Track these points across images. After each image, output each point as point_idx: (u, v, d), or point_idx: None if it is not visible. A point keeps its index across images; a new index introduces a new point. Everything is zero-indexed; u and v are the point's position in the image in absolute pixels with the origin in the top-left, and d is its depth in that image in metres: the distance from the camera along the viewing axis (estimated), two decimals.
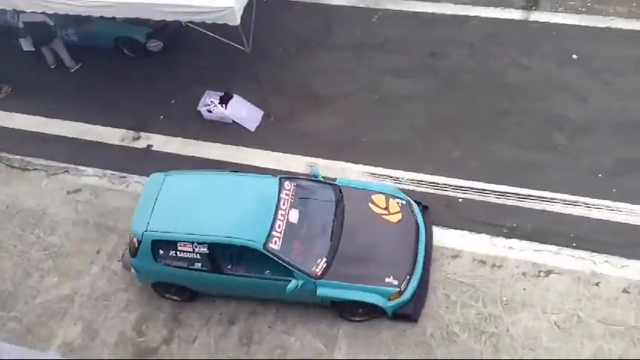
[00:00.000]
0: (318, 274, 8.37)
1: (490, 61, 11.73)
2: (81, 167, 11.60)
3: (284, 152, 11.11)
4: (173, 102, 12.29)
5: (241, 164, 11.05)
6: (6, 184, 11.57)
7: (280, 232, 8.41)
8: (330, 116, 11.49)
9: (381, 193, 9.29)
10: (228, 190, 8.96)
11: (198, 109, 11.73)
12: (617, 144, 10.10)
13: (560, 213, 9.58)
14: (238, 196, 8.85)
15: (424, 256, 8.87)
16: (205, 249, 8.44)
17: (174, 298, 9.43)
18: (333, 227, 8.74)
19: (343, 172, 10.56)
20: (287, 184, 8.97)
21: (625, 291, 8.72)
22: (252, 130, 11.60)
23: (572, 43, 11.62)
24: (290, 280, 8.27)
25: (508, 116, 10.71)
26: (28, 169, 11.73)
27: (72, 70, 13.19)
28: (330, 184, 9.40)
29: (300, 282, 8.28)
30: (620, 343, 8.34)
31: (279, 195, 8.73)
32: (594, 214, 9.48)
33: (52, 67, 13.22)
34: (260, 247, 8.22)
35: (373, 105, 11.51)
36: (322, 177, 9.53)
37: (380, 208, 9.06)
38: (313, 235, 8.66)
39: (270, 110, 11.64)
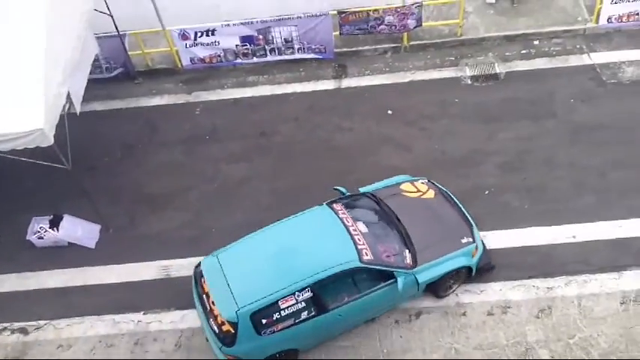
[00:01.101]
0: (411, 264, 8.75)
1: (317, 130, 12.22)
2: None
3: (132, 262, 10.53)
4: None
5: (89, 285, 10.32)
6: None
7: (364, 244, 8.68)
8: (174, 214, 11.15)
9: (404, 182, 10.06)
10: (290, 236, 8.97)
11: (28, 238, 10.80)
12: (448, 181, 10.74)
13: None
14: (303, 236, 8.95)
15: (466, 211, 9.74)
16: (309, 292, 8.32)
17: None
18: (394, 224, 9.25)
19: None
20: (336, 206, 9.35)
21: (489, 314, 9.19)
22: (92, 247, 10.89)
23: (384, 101, 12.49)
24: (394, 282, 8.56)
25: (346, 175, 11.02)
26: None
27: None
28: (361, 194, 9.91)
29: (404, 277, 8.55)
30: None
31: (338, 216, 9.05)
32: None
33: None
34: (358, 263, 8.42)
35: (215, 194, 11.38)
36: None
37: (413, 192, 9.85)
38: (385, 236, 9.10)
39: (108, 222, 11.04)
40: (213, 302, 8.49)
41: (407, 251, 8.92)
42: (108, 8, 12.17)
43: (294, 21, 12.95)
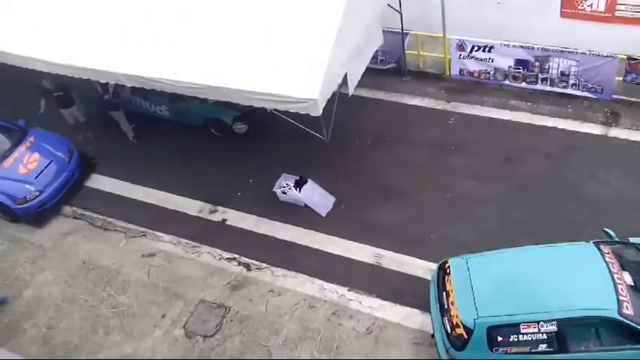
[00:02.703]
0: None
1: (566, 172, 11.07)
2: (158, 233, 11.54)
3: (352, 240, 10.68)
4: (251, 181, 12.17)
5: (311, 247, 10.73)
6: (87, 241, 11.59)
7: (626, 297, 7.61)
8: (401, 209, 11.02)
9: None
10: (545, 263, 8.18)
11: (274, 190, 11.53)
12: None
13: None
14: (562, 267, 8.09)
15: None
16: (554, 327, 7.58)
17: None
18: None
19: (406, 267, 10.08)
20: (604, 248, 8.24)
21: None
22: (323, 215, 11.27)
23: None
24: None
25: (584, 229, 9.77)
26: (109, 230, 11.75)
27: (132, 139, 13.55)
28: (632, 244, 8.63)
29: None
30: None
31: (604, 259, 8.02)
32: None
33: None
34: (615, 314, 7.44)
35: (444, 203, 10.98)
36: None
37: None
38: None
39: (342, 198, 11.31)
40: (452, 302, 8.01)
41: None
42: (400, 6, 12.34)
43: (578, 56, 11.85)
